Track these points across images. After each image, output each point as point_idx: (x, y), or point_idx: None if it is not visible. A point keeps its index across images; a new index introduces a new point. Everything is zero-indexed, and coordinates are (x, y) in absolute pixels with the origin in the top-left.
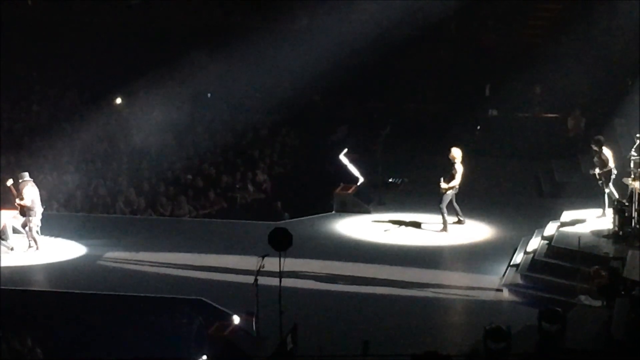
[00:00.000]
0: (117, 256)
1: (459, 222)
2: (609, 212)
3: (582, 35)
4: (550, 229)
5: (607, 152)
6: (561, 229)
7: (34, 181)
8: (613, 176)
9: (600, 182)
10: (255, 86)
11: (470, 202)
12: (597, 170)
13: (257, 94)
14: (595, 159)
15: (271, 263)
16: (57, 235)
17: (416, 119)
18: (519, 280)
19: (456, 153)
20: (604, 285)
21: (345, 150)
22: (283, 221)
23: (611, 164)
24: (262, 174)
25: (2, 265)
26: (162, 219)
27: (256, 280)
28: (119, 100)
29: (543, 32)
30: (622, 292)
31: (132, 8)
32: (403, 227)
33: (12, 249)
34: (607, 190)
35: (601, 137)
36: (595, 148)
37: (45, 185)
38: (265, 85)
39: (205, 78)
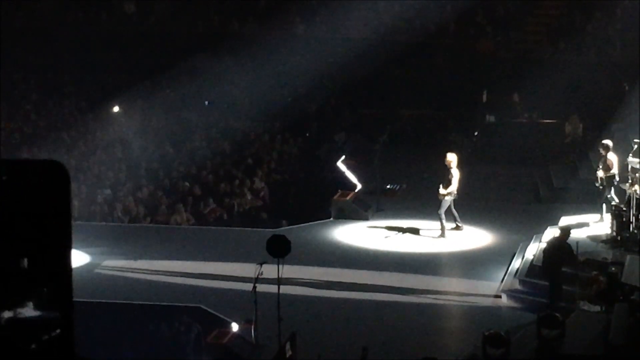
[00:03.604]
0: (115, 264)
1: (457, 228)
2: (607, 217)
3: (579, 40)
4: (549, 234)
5: (612, 157)
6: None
7: None
8: (615, 182)
9: (601, 186)
10: (253, 93)
11: (468, 208)
12: (600, 173)
13: (255, 101)
14: (601, 163)
15: (269, 270)
16: None
17: (414, 126)
18: (518, 286)
19: (452, 158)
20: (603, 290)
21: (343, 157)
22: (281, 228)
23: (615, 169)
24: (259, 182)
25: None
26: (160, 227)
27: (255, 287)
28: (116, 109)
29: (540, 37)
30: (621, 298)
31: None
32: (401, 233)
33: None
34: (607, 195)
35: (609, 142)
36: (602, 152)
37: None
38: (263, 92)
39: (203, 85)
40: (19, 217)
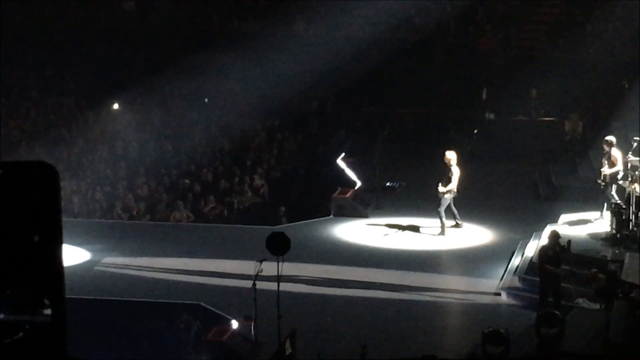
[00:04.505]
0: (115, 261)
1: (457, 225)
2: (607, 214)
3: (579, 38)
4: (548, 232)
5: (616, 153)
6: (559, 232)
7: None
8: (619, 178)
9: (603, 183)
10: (253, 91)
11: (467, 206)
12: (606, 170)
13: (255, 99)
14: (604, 160)
15: (269, 267)
16: None
17: (413, 123)
18: (517, 284)
19: (451, 156)
20: (602, 288)
21: (343, 154)
22: (281, 225)
23: (619, 166)
24: (259, 179)
25: None
26: (159, 224)
27: (254, 284)
28: (116, 106)
29: (540, 35)
30: (620, 295)
31: (126, 11)
32: (401, 231)
33: None
34: (610, 191)
35: (613, 138)
36: (605, 148)
37: None
38: (263, 90)
39: (202, 83)
40: (10, 217)
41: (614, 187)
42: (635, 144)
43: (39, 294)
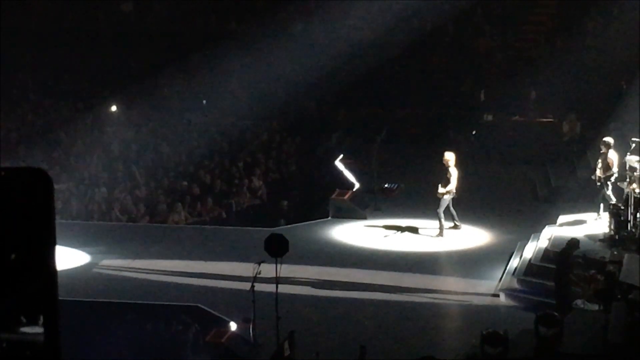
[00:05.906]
0: (113, 264)
1: (455, 227)
2: (605, 216)
3: (577, 39)
4: (547, 233)
5: (613, 154)
6: (557, 233)
7: None
8: (613, 179)
9: (599, 184)
10: (251, 92)
11: (466, 207)
12: (599, 173)
13: (253, 100)
14: (600, 161)
15: (267, 269)
16: None
17: (411, 125)
18: (516, 285)
19: (450, 157)
20: (601, 289)
21: (341, 156)
22: (279, 227)
23: (615, 167)
24: (257, 181)
25: None
26: (158, 226)
27: (253, 286)
28: (114, 108)
29: (538, 36)
30: (619, 297)
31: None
32: (399, 232)
33: None
34: (607, 192)
35: (610, 139)
36: (603, 149)
37: None
38: (261, 91)
39: (201, 85)
40: (4, 222)
41: (610, 186)
42: (634, 145)
43: (21, 308)
